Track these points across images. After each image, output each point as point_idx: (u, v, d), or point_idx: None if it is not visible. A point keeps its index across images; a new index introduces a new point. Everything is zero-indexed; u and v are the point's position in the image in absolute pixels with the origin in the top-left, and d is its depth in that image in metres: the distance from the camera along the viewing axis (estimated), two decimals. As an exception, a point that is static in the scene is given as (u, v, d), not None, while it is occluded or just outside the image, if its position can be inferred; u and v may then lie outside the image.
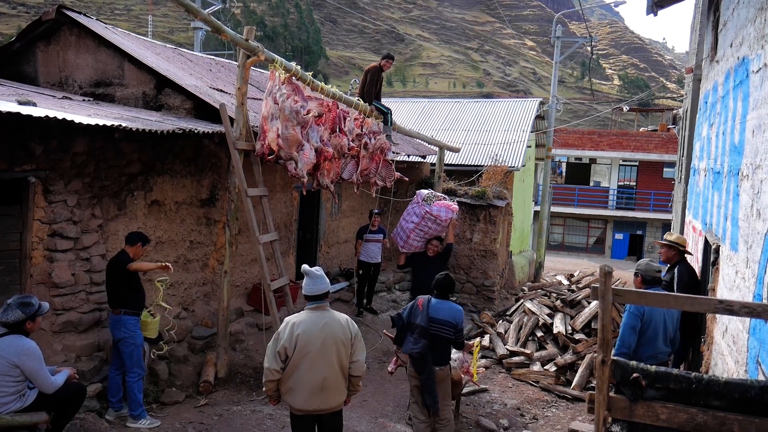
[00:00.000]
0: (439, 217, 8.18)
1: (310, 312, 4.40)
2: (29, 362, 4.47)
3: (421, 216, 8.21)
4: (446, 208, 8.29)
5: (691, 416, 2.98)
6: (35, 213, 5.83)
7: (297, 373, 4.29)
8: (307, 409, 4.35)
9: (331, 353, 4.31)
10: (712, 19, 8.09)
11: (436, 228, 8.30)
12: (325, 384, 4.32)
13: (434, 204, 8.32)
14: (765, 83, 4.00)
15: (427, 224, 8.23)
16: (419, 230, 8.30)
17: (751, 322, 3.88)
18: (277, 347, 4.29)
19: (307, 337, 4.27)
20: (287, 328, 4.31)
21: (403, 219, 8.51)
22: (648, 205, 31.49)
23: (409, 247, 8.47)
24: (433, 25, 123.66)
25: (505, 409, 7.45)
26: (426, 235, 8.34)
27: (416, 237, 8.36)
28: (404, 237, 8.42)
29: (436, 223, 8.23)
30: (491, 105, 19.31)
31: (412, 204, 8.51)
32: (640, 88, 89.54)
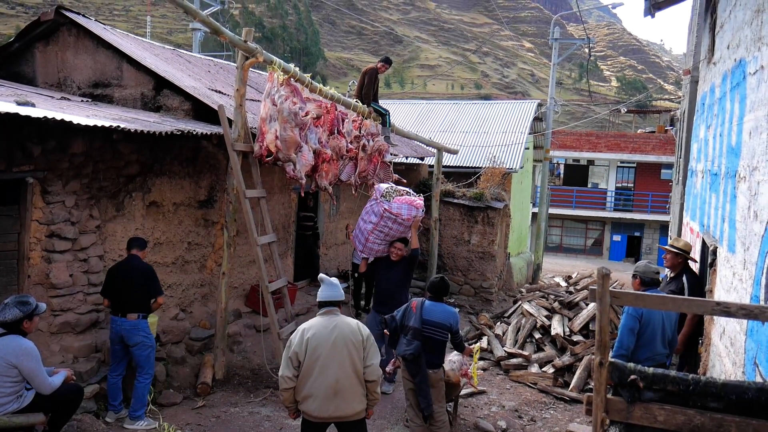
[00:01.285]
0: (400, 215, 7.12)
1: (321, 317, 4.41)
2: (27, 363, 4.46)
3: (379, 215, 7.14)
4: (408, 205, 7.22)
5: (688, 418, 2.98)
6: (33, 214, 5.82)
7: (310, 379, 4.24)
8: (323, 415, 4.26)
9: (342, 355, 4.26)
10: (710, 21, 8.12)
11: (398, 228, 7.23)
12: (338, 387, 4.23)
13: (394, 200, 7.25)
14: (762, 85, 4.01)
15: (387, 224, 7.15)
16: (379, 231, 7.21)
17: (749, 324, 3.88)
18: (289, 353, 4.27)
19: (317, 341, 4.25)
20: (298, 334, 4.32)
21: (361, 219, 7.44)
22: (646, 206, 31.53)
23: (369, 251, 7.38)
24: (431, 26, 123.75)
25: (503, 411, 7.45)
26: (387, 237, 7.28)
27: (376, 239, 7.27)
28: (363, 240, 7.33)
29: (398, 222, 7.17)
30: (489, 107, 19.34)
31: (371, 201, 7.47)
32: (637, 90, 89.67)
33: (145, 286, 5.89)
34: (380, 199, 7.28)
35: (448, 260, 13.13)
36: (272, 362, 7.63)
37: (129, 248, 6.04)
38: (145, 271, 5.96)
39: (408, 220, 7.19)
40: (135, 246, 6.02)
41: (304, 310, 9.57)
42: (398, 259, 7.27)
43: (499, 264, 13.82)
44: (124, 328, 5.79)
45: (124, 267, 5.93)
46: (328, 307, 4.45)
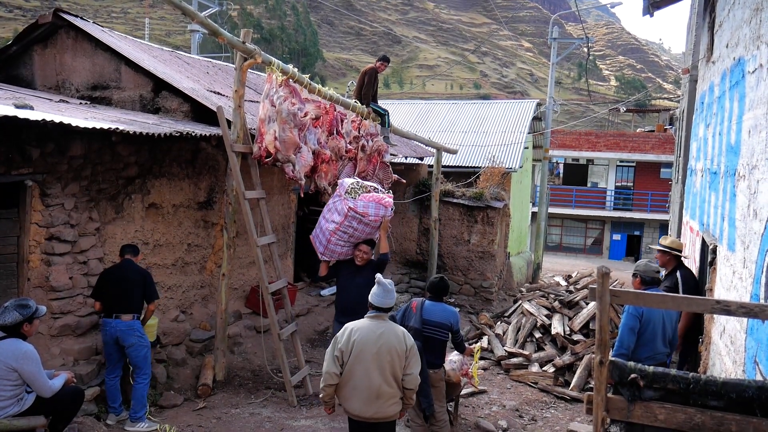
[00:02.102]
0: (367, 215, 6.41)
1: (369, 320, 4.53)
2: (27, 366, 4.46)
3: (343, 214, 6.42)
4: (376, 204, 6.48)
5: (689, 416, 2.98)
6: (32, 216, 5.82)
7: (353, 380, 4.39)
8: (365, 416, 4.44)
9: (384, 362, 4.37)
10: (708, 20, 8.12)
11: (363, 229, 6.51)
12: (380, 392, 4.39)
13: (360, 198, 6.51)
14: (761, 83, 4.01)
15: (351, 224, 6.43)
16: (342, 232, 6.46)
17: (749, 322, 3.88)
18: (335, 351, 4.40)
19: (363, 344, 4.37)
20: (345, 333, 4.44)
21: (322, 217, 6.68)
22: (645, 205, 31.55)
23: (331, 254, 6.60)
24: (430, 26, 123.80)
25: (503, 410, 7.45)
26: (352, 238, 6.54)
27: (339, 241, 6.51)
28: (324, 240, 6.55)
29: (363, 222, 6.45)
30: (488, 106, 19.35)
31: (334, 197, 6.75)
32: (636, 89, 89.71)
33: (142, 288, 5.94)
34: (344, 196, 6.52)
35: (448, 260, 13.13)
36: (272, 363, 7.63)
37: (122, 254, 6.10)
38: (145, 275, 6.04)
39: (375, 221, 6.49)
40: (128, 252, 6.09)
41: (305, 310, 9.57)
42: (363, 264, 6.50)
43: (499, 263, 13.82)
44: (119, 330, 5.80)
45: (119, 269, 5.96)
46: (379, 312, 4.57)
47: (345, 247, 6.56)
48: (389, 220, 6.72)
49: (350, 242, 6.54)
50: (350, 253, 6.59)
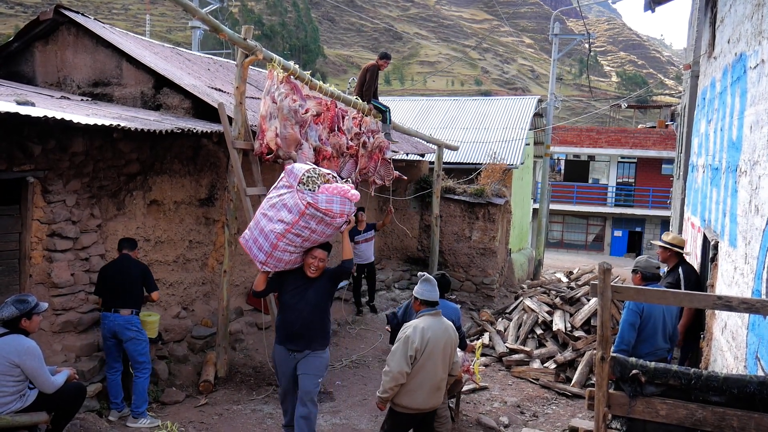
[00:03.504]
0: (330, 211, 4.90)
1: (432, 318, 4.74)
2: (29, 362, 4.47)
3: (298, 211, 4.82)
4: (341, 198, 4.98)
5: (690, 412, 2.99)
6: (34, 213, 5.83)
7: (421, 375, 4.61)
8: (426, 407, 4.74)
9: (447, 354, 4.75)
10: (710, 16, 8.10)
11: (323, 231, 4.98)
12: (440, 383, 4.77)
13: (321, 190, 4.97)
14: (762, 79, 4.01)
15: (309, 225, 4.87)
16: (295, 235, 4.88)
17: (750, 318, 3.88)
18: (409, 351, 4.56)
19: (435, 341, 4.62)
20: (417, 332, 4.60)
21: (261, 215, 5.04)
22: (647, 201, 31.53)
23: (276, 263, 5.02)
24: (431, 23, 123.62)
25: (505, 406, 7.46)
26: (307, 242, 4.98)
27: (289, 246, 4.93)
28: (266, 246, 4.93)
29: (325, 222, 4.93)
30: (489, 103, 19.33)
31: (279, 189, 5.06)
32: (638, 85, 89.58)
33: (141, 282, 5.97)
34: (298, 188, 4.89)
35: (449, 257, 13.13)
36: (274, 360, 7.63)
37: (120, 249, 6.12)
38: (144, 269, 6.08)
39: (340, 218, 4.96)
40: (126, 246, 6.10)
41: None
42: (318, 275, 5.07)
43: (500, 260, 13.82)
44: (117, 324, 5.82)
45: (118, 264, 5.99)
46: (434, 308, 4.80)
47: (295, 254, 4.99)
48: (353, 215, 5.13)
49: (303, 247, 4.98)
50: (299, 261, 5.04)
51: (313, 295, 5.00)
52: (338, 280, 5.22)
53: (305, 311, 4.96)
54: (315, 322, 5.00)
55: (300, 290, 5.01)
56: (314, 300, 4.99)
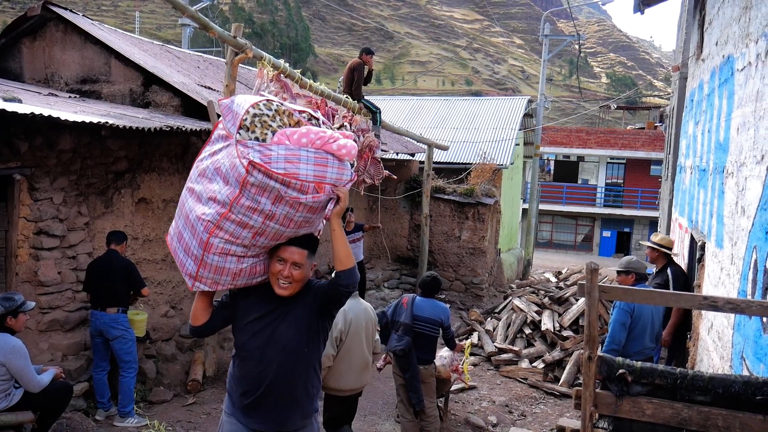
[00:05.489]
0: (294, 178, 2.65)
1: (352, 299, 4.83)
2: (15, 361, 4.44)
3: (238, 180, 2.64)
4: (318, 152, 2.72)
5: (676, 411, 3.00)
6: (21, 210, 5.78)
7: (348, 356, 4.73)
8: (354, 387, 4.85)
9: (369, 334, 4.90)
10: (698, 18, 8.16)
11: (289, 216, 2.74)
12: (367, 363, 4.88)
13: (276, 139, 2.71)
14: (749, 81, 4.04)
15: (259, 205, 2.67)
16: (236, 225, 2.71)
17: (736, 318, 3.92)
18: (334, 332, 4.67)
19: (357, 321, 4.78)
20: (340, 314, 4.68)
21: (188, 191, 2.87)
22: (635, 202, 31.72)
23: (215, 276, 2.82)
24: (422, 22, 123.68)
25: (493, 406, 7.48)
26: (261, 238, 2.77)
27: (231, 244, 2.76)
28: (195, 247, 2.78)
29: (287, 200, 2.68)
30: (480, 103, 19.37)
31: (214, 141, 2.87)
32: (627, 86, 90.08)
33: (126, 280, 5.92)
34: (238, 137, 2.71)
35: (439, 256, 13.15)
36: None
37: (108, 243, 6.06)
38: (126, 266, 5.98)
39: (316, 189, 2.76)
40: (113, 240, 6.04)
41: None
42: (294, 293, 2.91)
43: (490, 260, 13.86)
44: (103, 322, 5.79)
45: (103, 262, 5.93)
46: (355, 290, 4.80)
47: (248, 259, 2.85)
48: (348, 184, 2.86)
49: (259, 247, 2.82)
50: (261, 270, 2.91)
51: (289, 332, 2.88)
52: (331, 305, 2.97)
53: (274, 362, 2.87)
54: (292, 382, 2.90)
55: (265, 324, 2.89)
56: (291, 340, 2.88)
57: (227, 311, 3.02)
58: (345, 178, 2.82)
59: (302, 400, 2.99)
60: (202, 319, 3.00)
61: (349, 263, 2.85)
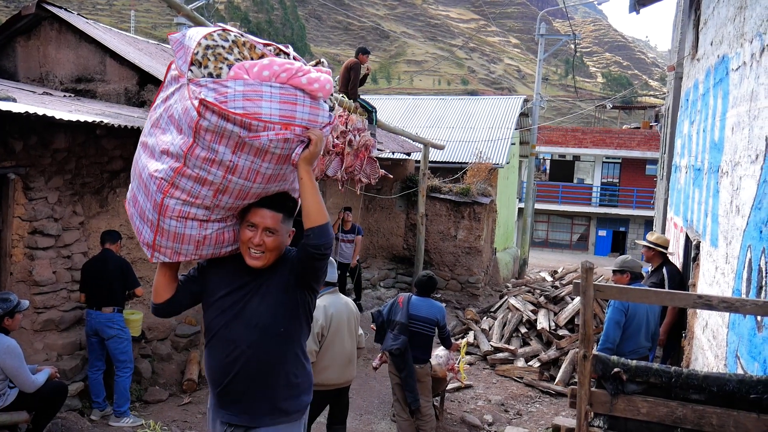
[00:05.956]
0: (256, 118, 2.21)
1: (331, 295, 4.88)
2: (9, 361, 4.42)
3: (190, 125, 2.23)
4: (283, 87, 2.29)
5: (670, 410, 3.01)
6: (15, 210, 5.75)
7: (330, 351, 4.73)
8: (339, 382, 4.85)
9: (352, 328, 4.90)
10: (694, 18, 8.18)
11: (253, 168, 2.32)
12: (350, 357, 4.88)
13: (233, 74, 2.26)
14: (744, 81, 4.05)
15: (217, 155, 2.27)
16: (193, 182, 2.33)
17: (731, 317, 3.93)
18: (315, 328, 4.64)
19: (338, 316, 4.78)
20: (320, 310, 4.69)
21: (141, 146, 2.48)
22: (631, 201, 31.79)
23: (175, 245, 2.47)
24: (418, 22, 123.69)
25: (489, 404, 7.49)
26: (225, 196, 2.38)
27: (189, 206, 2.38)
28: (150, 211, 2.41)
29: (250, 145, 2.25)
30: (476, 102, 19.38)
31: (168, 85, 2.41)
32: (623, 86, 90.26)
33: (121, 279, 5.90)
34: (190, 75, 2.26)
35: (435, 255, 13.16)
36: None
37: (102, 242, 6.05)
38: (122, 265, 5.97)
39: (282, 128, 2.27)
40: (108, 240, 6.02)
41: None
42: (268, 264, 2.52)
43: (486, 259, 13.87)
44: (98, 322, 5.78)
45: (98, 261, 5.91)
46: (335, 286, 4.95)
47: (213, 224, 2.49)
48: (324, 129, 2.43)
49: (223, 209, 2.46)
50: (228, 238, 2.54)
51: (261, 308, 2.50)
52: (307, 275, 2.49)
53: (243, 343, 2.49)
54: (267, 368, 2.51)
55: (235, 300, 2.53)
56: (263, 318, 2.49)
57: (195, 287, 2.65)
58: (321, 120, 2.42)
59: (280, 392, 2.53)
60: (165, 295, 2.62)
61: (320, 219, 2.38)
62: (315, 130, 2.36)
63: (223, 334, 2.53)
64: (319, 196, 2.40)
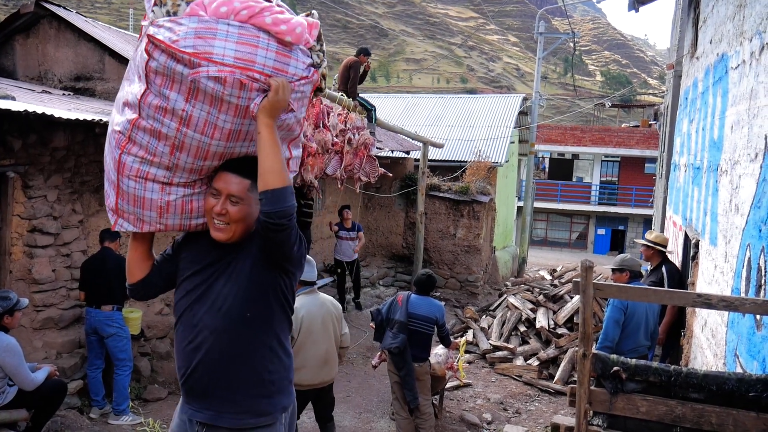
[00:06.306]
0: (205, 59, 1.97)
1: (307, 296, 4.82)
2: (9, 359, 4.42)
3: (143, 67, 2.04)
4: (242, 25, 2.04)
5: (670, 408, 3.02)
6: (14, 208, 5.75)
7: (302, 353, 4.69)
8: (314, 382, 4.81)
9: (329, 329, 4.83)
10: (693, 16, 8.18)
11: (210, 120, 2.06)
12: (327, 357, 4.82)
13: (190, 10, 2.03)
14: (743, 80, 4.05)
15: (168, 102, 2.04)
16: (147, 134, 2.11)
17: (730, 316, 3.93)
18: None
19: (311, 318, 4.72)
20: None
21: (114, 108, 2.27)
22: (630, 200, 31.81)
23: (135, 210, 2.25)
24: (417, 20, 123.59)
25: (488, 403, 7.50)
26: (184, 154, 2.12)
27: (145, 164, 2.16)
28: (112, 170, 2.22)
29: (202, 91, 2.00)
30: (475, 101, 19.38)
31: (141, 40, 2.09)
32: (622, 84, 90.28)
33: (120, 277, 5.88)
34: (152, 17, 2.05)
35: (434, 254, 13.16)
36: None
37: (101, 241, 6.04)
38: (121, 263, 5.94)
39: (238, 70, 2.00)
40: (107, 238, 6.01)
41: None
42: (235, 238, 2.22)
43: (485, 257, 13.88)
44: (98, 320, 5.78)
45: (97, 260, 5.91)
46: (310, 286, 4.89)
47: (175, 190, 2.24)
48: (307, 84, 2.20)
49: (185, 170, 2.19)
50: (197, 208, 2.29)
51: (226, 289, 2.21)
52: (272, 252, 2.16)
53: (206, 329, 2.21)
54: (233, 358, 2.20)
55: (201, 280, 2.26)
56: (227, 301, 2.20)
57: (169, 266, 2.38)
58: (292, 71, 2.11)
59: (247, 388, 2.20)
60: (138, 274, 2.41)
61: (274, 181, 2.04)
62: (278, 78, 2.07)
63: (187, 319, 2.25)
64: (278, 156, 2.08)
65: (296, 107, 2.20)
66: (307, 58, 2.19)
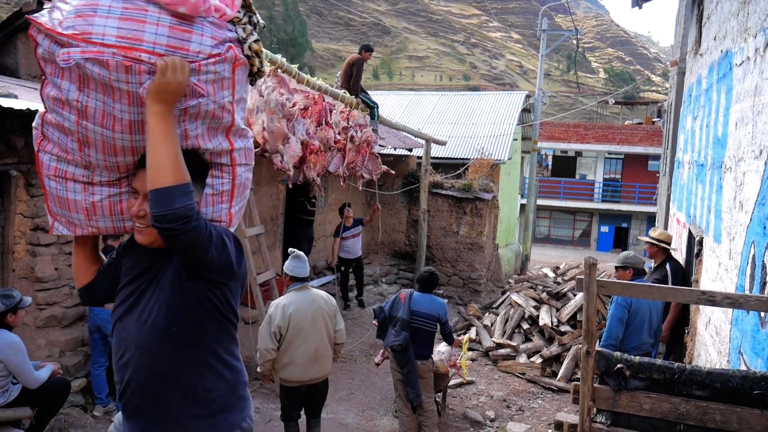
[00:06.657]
0: (84, 40, 1.74)
1: (297, 292, 4.83)
2: (13, 357, 4.43)
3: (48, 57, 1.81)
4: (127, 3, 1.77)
5: (674, 406, 3.01)
6: (17, 207, 5.76)
7: (291, 349, 4.70)
8: (304, 379, 4.79)
9: (320, 326, 4.80)
10: (697, 13, 8.14)
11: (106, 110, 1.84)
12: (317, 354, 4.79)
13: None
14: (748, 76, 4.03)
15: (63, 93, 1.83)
16: (55, 128, 1.94)
17: (734, 313, 3.92)
18: (271, 328, 4.67)
19: (300, 315, 4.70)
20: (278, 310, 4.70)
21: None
22: (633, 197, 31.75)
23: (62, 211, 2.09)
24: (420, 17, 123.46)
25: (491, 400, 7.49)
26: (92, 150, 1.93)
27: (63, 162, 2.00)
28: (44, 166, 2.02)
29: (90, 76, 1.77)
30: (477, 98, 19.35)
31: None
32: (625, 81, 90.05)
33: None
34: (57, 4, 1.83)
35: (437, 251, 13.16)
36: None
37: (104, 239, 6.02)
38: None
39: (121, 51, 1.75)
40: (109, 236, 6.00)
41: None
42: (153, 241, 1.99)
43: (488, 255, 13.87)
44: (101, 318, 5.78)
45: None
46: (303, 282, 4.89)
47: (99, 190, 2.07)
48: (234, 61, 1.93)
49: (103, 168, 2.01)
50: (125, 209, 2.11)
51: (152, 301, 2.02)
52: (186, 262, 1.95)
53: (132, 344, 2.05)
54: (161, 377, 2.02)
55: (131, 290, 2.09)
56: (152, 314, 2.01)
57: (113, 270, 2.21)
58: (194, 48, 1.84)
59: (183, 408, 2.01)
60: (82, 279, 2.24)
61: (159, 179, 1.79)
62: (167, 57, 1.77)
63: (118, 332, 2.08)
64: (167, 149, 1.80)
65: (209, 91, 1.90)
66: (224, 32, 1.92)
